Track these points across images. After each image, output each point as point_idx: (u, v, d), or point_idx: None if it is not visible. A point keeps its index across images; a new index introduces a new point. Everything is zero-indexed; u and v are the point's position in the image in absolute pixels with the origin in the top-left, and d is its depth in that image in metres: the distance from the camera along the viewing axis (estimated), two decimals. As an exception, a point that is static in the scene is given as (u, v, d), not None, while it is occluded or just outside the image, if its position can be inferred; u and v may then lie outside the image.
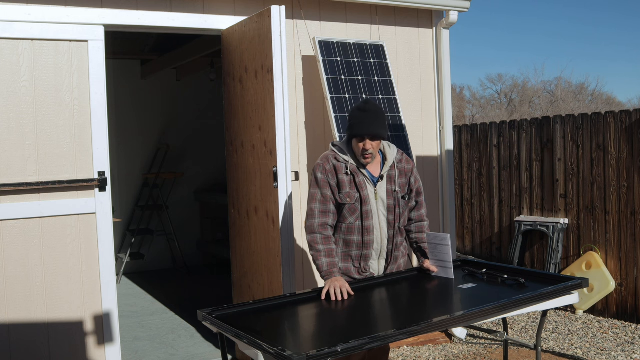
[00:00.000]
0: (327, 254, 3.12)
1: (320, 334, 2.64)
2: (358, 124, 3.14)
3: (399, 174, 3.31)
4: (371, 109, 3.15)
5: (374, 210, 3.22)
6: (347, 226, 3.22)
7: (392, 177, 3.28)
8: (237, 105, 4.50)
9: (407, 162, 3.39)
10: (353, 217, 3.20)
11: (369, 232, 3.22)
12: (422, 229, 3.45)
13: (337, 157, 3.23)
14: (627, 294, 5.68)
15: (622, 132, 5.70)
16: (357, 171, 3.22)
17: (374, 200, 3.22)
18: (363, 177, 3.22)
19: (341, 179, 3.19)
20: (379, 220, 3.24)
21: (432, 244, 3.35)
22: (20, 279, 3.89)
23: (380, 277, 3.28)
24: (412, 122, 5.30)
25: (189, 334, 5.36)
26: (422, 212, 3.45)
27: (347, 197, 3.18)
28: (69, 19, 4.02)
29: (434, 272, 3.37)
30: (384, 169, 3.27)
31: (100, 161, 4.10)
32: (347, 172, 3.20)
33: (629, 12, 43.06)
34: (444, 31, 5.38)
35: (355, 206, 3.19)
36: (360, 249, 3.24)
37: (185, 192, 8.48)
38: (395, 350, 4.96)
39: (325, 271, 3.08)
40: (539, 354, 3.34)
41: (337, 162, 3.22)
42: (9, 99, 3.85)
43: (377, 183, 3.25)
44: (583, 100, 29.22)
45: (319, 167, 3.23)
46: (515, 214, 6.96)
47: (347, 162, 3.21)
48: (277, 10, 3.97)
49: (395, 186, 3.28)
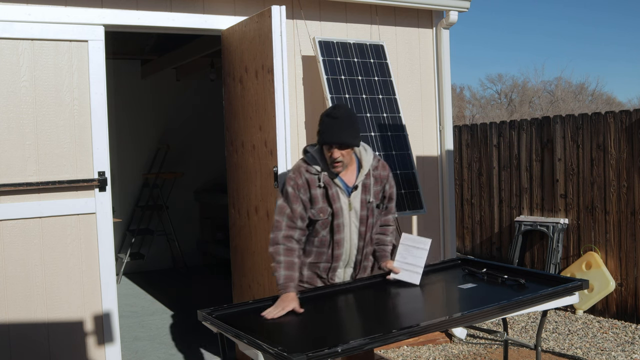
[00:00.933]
0: (287, 266, 2.95)
1: (320, 334, 2.64)
2: (326, 132, 2.97)
3: (374, 181, 3.15)
4: (340, 115, 2.97)
5: (345, 223, 3.09)
6: (319, 239, 3.10)
7: (367, 186, 3.13)
8: (237, 105, 4.50)
9: (382, 168, 3.22)
10: (325, 231, 3.08)
11: (339, 245, 3.10)
12: (386, 231, 3.31)
13: (309, 169, 3.05)
14: (627, 294, 5.68)
15: (622, 132, 5.70)
16: (330, 182, 3.05)
17: (347, 212, 3.08)
18: (336, 187, 3.06)
19: (314, 194, 3.03)
20: (350, 232, 3.12)
21: (406, 246, 3.22)
22: (20, 279, 3.89)
23: (379, 278, 3.28)
24: (412, 122, 5.30)
25: (189, 334, 5.36)
26: (389, 217, 3.32)
27: (320, 212, 3.03)
28: (69, 19, 4.02)
29: (396, 275, 3.21)
30: (359, 177, 3.11)
31: (100, 161, 4.10)
32: (319, 184, 3.03)
33: (629, 12, 43.06)
34: (444, 31, 5.38)
35: (327, 220, 3.06)
36: (330, 261, 3.14)
37: (185, 192, 8.48)
38: (395, 350, 4.96)
39: (281, 284, 2.90)
40: (539, 354, 3.33)
41: (310, 175, 3.04)
42: (9, 99, 3.85)
43: (352, 193, 3.09)
44: (583, 100, 29.22)
45: (290, 180, 3.05)
46: (515, 214, 6.96)
47: (320, 173, 3.04)
48: (277, 10, 3.97)
49: (370, 196, 3.13)
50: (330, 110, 3.03)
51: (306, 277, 3.18)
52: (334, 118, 2.97)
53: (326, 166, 3.05)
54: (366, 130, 4.77)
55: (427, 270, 3.48)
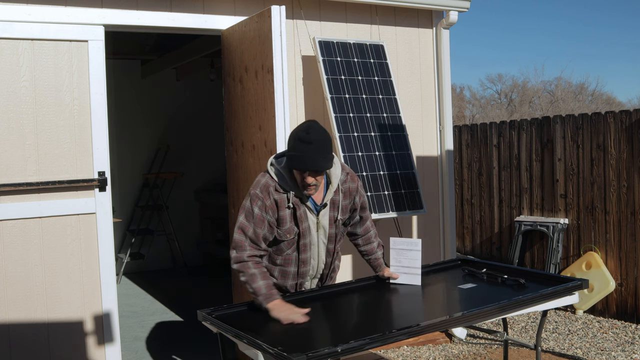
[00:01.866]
0: (262, 276, 2.79)
1: (320, 334, 2.64)
2: (300, 158, 2.74)
3: (343, 197, 3.01)
4: (314, 140, 2.74)
5: (313, 242, 2.96)
6: (284, 258, 2.96)
7: (336, 203, 2.98)
8: (237, 105, 4.50)
9: (352, 181, 3.05)
10: (290, 249, 2.94)
11: (305, 263, 2.98)
12: (370, 239, 3.23)
13: (277, 189, 2.85)
14: (627, 294, 5.68)
15: (622, 132, 5.70)
16: (299, 203, 2.88)
17: (314, 232, 2.94)
18: (304, 207, 2.90)
19: (282, 215, 2.86)
20: (318, 250, 2.99)
21: (398, 250, 3.21)
22: (20, 279, 3.89)
23: (379, 278, 3.27)
24: (412, 122, 5.30)
25: (189, 334, 5.36)
26: (367, 224, 3.21)
27: (287, 233, 2.88)
28: (69, 19, 4.02)
29: (396, 280, 3.21)
30: (327, 195, 2.93)
31: (100, 161, 4.10)
32: (288, 205, 2.85)
33: (629, 12, 43.07)
34: (444, 31, 5.38)
35: (294, 240, 2.91)
36: (296, 278, 3.02)
37: (185, 192, 8.48)
38: (395, 350, 4.96)
39: (264, 294, 2.73)
40: (539, 354, 3.33)
41: (279, 195, 2.85)
42: (9, 99, 3.85)
43: (320, 211, 2.94)
44: (583, 100, 29.21)
45: (257, 200, 2.83)
46: (515, 214, 6.96)
47: (288, 193, 2.86)
48: (277, 10, 3.97)
49: (338, 213, 2.99)
50: (302, 134, 2.76)
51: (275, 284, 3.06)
52: (308, 143, 2.74)
53: (295, 186, 2.86)
54: (366, 130, 4.77)
55: (427, 270, 3.48)
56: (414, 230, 5.32)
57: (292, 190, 2.86)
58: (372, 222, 3.29)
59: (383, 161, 4.78)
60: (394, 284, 3.21)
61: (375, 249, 3.26)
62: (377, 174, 4.71)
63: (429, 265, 3.58)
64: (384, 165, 4.77)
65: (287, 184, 2.86)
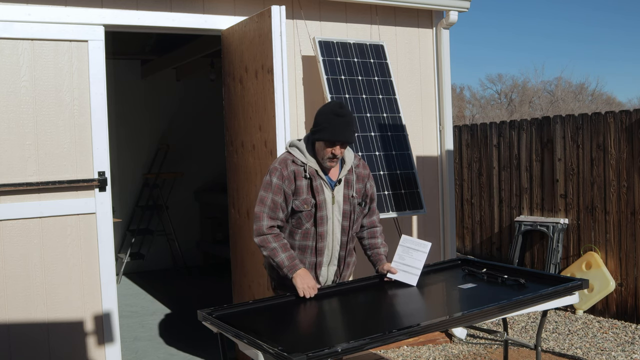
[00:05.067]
0: (284, 248, 2.99)
1: (320, 334, 2.64)
2: (331, 129, 2.97)
3: (356, 178, 3.19)
4: (347, 114, 3.01)
5: (329, 216, 3.10)
6: (303, 232, 3.09)
7: (350, 182, 3.16)
8: (237, 105, 4.50)
9: (363, 167, 3.26)
10: (309, 223, 3.08)
11: (322, 238, 3.10)
12: (375, 234, 3.32)
13: (295, 161, 3.07)
14: (627, 294, 5.68)
15: (622, 132, 5.70)
16: (316, 175, 3.07)
17: (330, 206, 3.10)
18: (321, 180, 3.08)
19: (299, 185, 3.04)
20: (333, 226, 3.12)
21: (405, 247, 3.23)
22: (20, 279, 3.89)
23: (379, 278, 3.28)
24: (412, 122, 5.30)
25: (189, 334, 5.36)
26: (374, 218, 3.34)
27: (304, 203, 3.04)
28: (69, 19, 4.02)
29: (393, 275, 3.22)
30: (342, 172, 3.14)
31: (100, 161, 4.10)
32: (305, 175, 3.05)
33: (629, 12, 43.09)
34: (444, 31, 5.38)
35: (311, 212, 3.06)
36: (315, 255, 3.12)
37: (185, 192, 8.49)
38: (395, 350, 4.96)
39: (287, 266, 2.96)
40: (539, 354, 3.34)
41: (296, 167, 3.06)
42: (9, 99, 3.85)
43: (335, 187, 3.12)
44: (583, 100, 29.21)
45: (275, 171, 3.05)
46: (515, 214, 6.96)
47: (306, 165, 3.06)
48: (277, 11, 3.97)
49: (353, 191, 3.16)
50: (337, 109, 3.02)
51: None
52: (341, 116, 2.99)
53: (314, 159, 3.07)
54: (366, 130, 4.77)
55: (427, 270, 3.48)
56: (414, 230, 5.32)
57: (309, 163, 3.06)
58: (379, 219, 3.39)
59: (383, 161, 4.78)
60: (395, 283, 3.20)
61: (379, 244, 3.31)
62: (377, 174, 4.71)
63: (429, 265, 3.58)
64: (384, 165, 4.78)
65: (305, 157, 3.07)
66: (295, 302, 2.96)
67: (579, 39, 44.75)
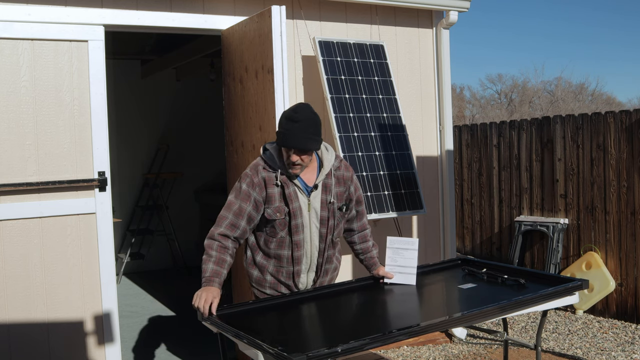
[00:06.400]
0: (217, 262, 2.86)
1: (320, 334, 2.64)
2: (285, 135, 2.83)
3: (336, 182, 3.03)
4: (301, 119, 2.82)
5: (305, 224, 2.96)
6: (278, 240, 2.98)
7: (328, 187, 3.00)
8: (237, 105, 4.50)
9: (345, 169, 3.10)
10: (284, 232, 2.96)
11: (298, 247, 2.97)
12: (366, 237, 3.24)
13: (266, 167, 2.93)
14: (627, 294, 5.68)
15: (622, 132, 5.70)
16: (288, 181, 2.92)
17: (306, 213, 2.95)
18: (294, 187, 2.93)
19: (270, 193, 2.91)
20: (311, 233, 2.98)
21: (394, 249, 3.18)
22: (20, 279, 3.89)
23: (378, 278, 3.27)
24: (412, 122, 5.30)
25: (189, 334, 5.36)
26: (364, 221, 3.23)
27: (276, 212, 2.91)
28: (69, 19, 4.02)
29: (390, 280, 3.18)
30: (319, 177, 2.98)
31: (100, 161, 4.10)
32: (276, 183, 2.91)
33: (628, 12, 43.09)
34: (444, 31, 5.38)
35: (285, 220, 2.93)
36: (292, 264, 3.00)
37: (185, 192, 8.48)
38: (395, 350, 4.96)
39: (206, 277, 2.83)
40: (539, 354, 3.33)
41: (267, 173, 2.92)
42: (9, 99, 3.85)
43: (311, 193, 2.96)
44: (583, 100, 29.21)
45: (246, 177, 2.93)
46: (515, 214, 6.96)
47: (277, 172, 2.91)
48: (278, 11, 3.97)
49: (331, 196, 3.00)
50: (290, 112, 2.87)
51: (269, 283, 3.07)
52: (294, 122, 2.82)
53: (284, 165, 2.93)
54: (366, 130, 4.77)
55: (427, 270, 3.48)
56: (414, 230, 5.32)
57: (279, 169, 2.93)
58: (368, 221, 3.31)
59: (383, 161, 4.78)
60: (390, 284, 3.20)
61: (371, 247, 3.26)
62: (377, 174, 4.71)
63: (429, 265, 3.58)
64: (384, 165, 4.78)
65: (275, 163, 2.94)
66: (295, 302, 2.96)
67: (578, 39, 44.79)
